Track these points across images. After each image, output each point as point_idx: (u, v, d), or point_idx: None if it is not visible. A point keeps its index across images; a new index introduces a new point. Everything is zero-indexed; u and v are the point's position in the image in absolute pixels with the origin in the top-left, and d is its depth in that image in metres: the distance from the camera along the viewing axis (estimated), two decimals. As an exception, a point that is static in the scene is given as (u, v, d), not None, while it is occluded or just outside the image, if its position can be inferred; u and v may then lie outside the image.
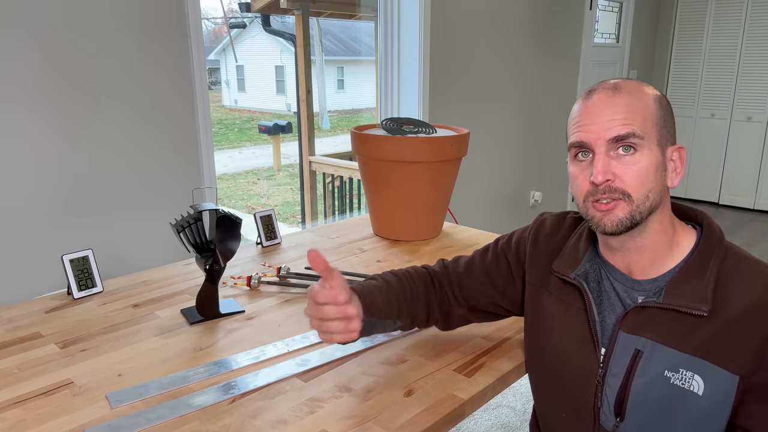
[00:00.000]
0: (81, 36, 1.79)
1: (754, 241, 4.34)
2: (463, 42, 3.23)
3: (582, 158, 0.80)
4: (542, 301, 0.94)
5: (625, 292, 0.84)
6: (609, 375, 0.83)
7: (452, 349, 1.05)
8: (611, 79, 0.82)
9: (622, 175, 0.77)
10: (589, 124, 0.78)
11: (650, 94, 0.79)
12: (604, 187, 0.77)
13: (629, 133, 0.76)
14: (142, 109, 1.97)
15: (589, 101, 0.80)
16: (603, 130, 0.77)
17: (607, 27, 4.74)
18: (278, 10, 4.37)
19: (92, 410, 0.86)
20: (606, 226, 0.79)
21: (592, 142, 0.78)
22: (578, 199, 0.82)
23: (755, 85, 4.92)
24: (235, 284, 1.33)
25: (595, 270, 0.88)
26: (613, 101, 0.78)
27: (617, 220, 0.77)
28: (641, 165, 0.77)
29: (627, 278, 0.84)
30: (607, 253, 0.87)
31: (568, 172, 0.84)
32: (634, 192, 0.77)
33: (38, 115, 1.74)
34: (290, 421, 0.84)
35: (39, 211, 1.78)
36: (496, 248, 1.03)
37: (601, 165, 0.77)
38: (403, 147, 1.53)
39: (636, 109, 0.77)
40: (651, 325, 0.80)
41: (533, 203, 4.14)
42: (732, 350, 0.75)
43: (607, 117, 0.77)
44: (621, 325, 0.82)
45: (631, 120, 0.76)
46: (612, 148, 0.77)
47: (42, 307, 1.21)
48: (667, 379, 0.78)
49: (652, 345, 0.79)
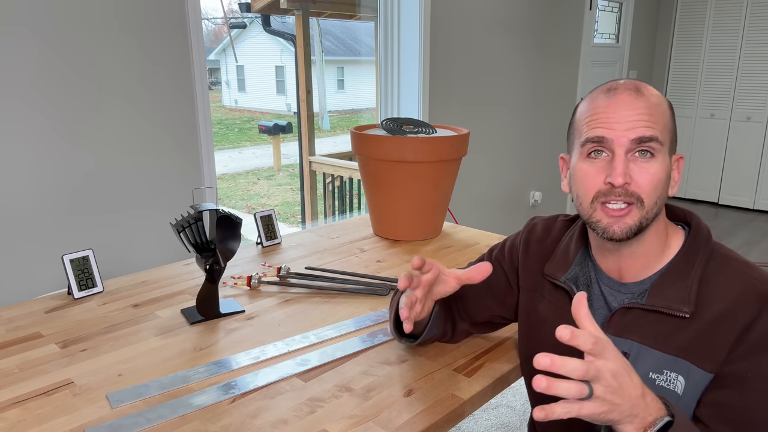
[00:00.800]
0: (82, 36, 1.79)
1: (754, 241, 4.34)
2: (463, 42, 3.23)
3: (595, 156, 0.77)
4: (536, 306, 0.94)
5: (612, 295, 0.84)
6: None
7: (452, 349, 1.05)
8: (622, 79, 0.80)
9: (639, 179, 0.75)
10: (612, 121, 0.75)
11: (665, 101, 0.79)
12: (622, 190, 0.75)
13: (653, 136, 0.74)
14: (142, 109, 1.97)
15: (612, 98, 0.76)
16: (628, 129, 0.74)
17: (607, 27, 4.74)
18: (278, 11, 4.38)
19: (92, 410, 0.86)
20: (615, 233, 0.77)
21: (614, 139, 0.75)
22: (584, 199, 0.79)
23: (755, 85, 4.92)
24: (236, 284, 1.33)
25: (585, 273, 0.88)
26: (638, 103, 0.75)
27: (627, 227, 0.76)
28: (656, 171, 0.75)
29: (614, 282, 0.84)
30: (599, 256, 0.86)
31: (575, 168, 0.80)
32: (647, 198, 0.75)
33: (39, 115, 1.74)
34: (290, 421, 0.84)
35: (39, 211, 1.79)
36: (490, 258, 1.03)
37: (622, 167, 0.74)
38: (403, 147, 1.53)
39: (657, 113, 0.76)
40: (636, 327, 0.80)
41: (533, 203, 4.14)
42: (708, 350, 0.75)
43: (632, 117, 0.75)
44: (608, 327, 0.82)
45: (654, 124, 0.75)
46: (631, 150, 0.75)
47: (42, 307, 1.21)
48: (652, 381, 0.78)
49: (638, 347, 0.79)
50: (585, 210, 0.80)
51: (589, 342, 0.60)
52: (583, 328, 0.63)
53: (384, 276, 1.38)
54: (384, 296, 1.28)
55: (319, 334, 1.10)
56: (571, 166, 0.83)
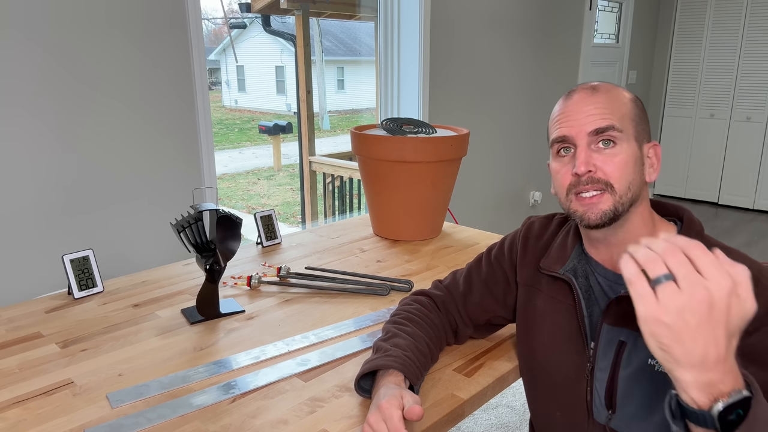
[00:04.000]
0: (81, 36, 1.79)
1: (754, 241, 4.34)
2: (463, 42, 3.23)
3: (564, 154, 0.83)
4: (534, 301, 0.95)
5: (609, 286, 0.85)
6: (597, 369, 0.84)
7: (452, 349, 1.05)
8: (583, 83, 0.85)
9: (603, 166, 0.79)
10: (570, 120, 0.82)
11: (626, 95, 0.83)
12: (587, 178, 0.80)
13: (609, 125, 0.79)
14: (142, 110, 1.97)
15: (570, 100, 0.83)
16: (583, 123, 0.80)
17: (607, 27, 4.74)
18: (278, 11, 4.38)
19: (93, 410, 0.86)
20: (590, 219, 0.80)
21: (573, 135, 0.81)
22: (561, 194, 0.84)
23: (755, 85, 4.92)
24: (236, 284, 1.33)
25: (583, 266, 0.89)
26: (592, 99, 0.81)
27: (601, 212, 0.79)
28: (621, 157, 0.79)
29: (609, 272, 0.85)
30: (590, 248, 0.88)
31: (550, 170, 0.86)
32: (616, 182, 0.79)
33: (38, 115, 1.74)
34: (290, 421, 0.84)
35: (39, 212, 1.79)
36: (489, 258, 1.04)
37: (583, 156, 0.80)
38: (403, 147, 1.53)
39: (614, 105, 0.81)
40: (632, 316, 0.80)
41: (533, 203, 4.14)
42: None
43: (588, 112, 0.80)
44: (604, 317, 0.83)
45: (609, 115, 0.80)
46: (593, 141, 0.80)
47: (42, 306, 1.21)
48: (651, 366, 0.79)
49: (635, 336, 0.81)
50: (564, 204, 0.84)
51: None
52: None
53: (384, 276, 1.38)
54: (384, 296, 1.28)
55: (319, 334, 1.10)
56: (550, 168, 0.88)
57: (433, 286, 1.07)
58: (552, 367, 0.90)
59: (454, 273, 1.08)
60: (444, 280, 1.08)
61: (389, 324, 0.98)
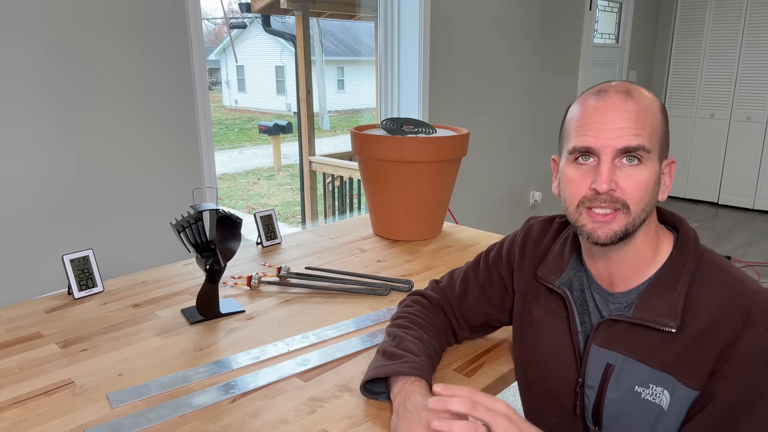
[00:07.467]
0: (81, 36, 1.79)
1: (754, 241, 4.34)
2: (463, 42, 3.23)
3: (583, 161, 0.77)
4: (530, 310, 0.93)
5: (603, 303, 0.83)
6: (586, 386, 0.83)
7: (452, 349, 1.05)
8: (613, 81, 0.78)
9: (625, 186, 0.74)
10: (599, 129, 0.74)
11: (657, 105, 0.77)
12: (607, 197, 0.74)
13: (639, 145, 0.73)
14: (142, 110, 1.97)
15: (602, 101, 0.75)
16: (613, 138, 0.73)
17: (607, 27, 4.74)
18: (278, 11, 4.38)
19: (93, 410, 0.86)
20: (599, 238, 0.76)
21: (600, 148, 0.74)
22: (570, 204, 0.79)
23: (755, 85, 4.92)
24: (236, 284, 1.33)
25: (579, 278, 0.87)
26: (625, 107, 0.74)
27: (612, 232, 0.75)
28: (644, 178, 0.74)
29: (603, 290, 0.83)
30: (589, 261, 0.85)
31: (563, 173, 0.80)
32: (633, 204, 0.74)
33: (38, 115, 1.74)
34: (290, 421, 0.84)
35: (39, 212, 1.79)
36: (487, 262, 1.02)
37: (607, 173, 0.73)
38: (403, 147, 1.53)
39: (646, 118, 0.75)
40: (622, 340, 0.79)
41: (533, 203, 4.14)
42: (693, 366, 0.74)
43: (619, 124, 0.74)
44: (593, 338, 0.81)
45: (641, 131, 0.74)
46: (618, 156, 0.74)
47: (42, 306, 1.21)
48: (638, 394, 0.78)
49: (623, 360, 0.79)
50: (571, 214, 0.79)
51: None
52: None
53: (384, 276, 1.38)
54: (384, 296, 1.28)
55: (319, 334, 1.10)
56: (560, 170, 0.82)
57: (430, 286, 1.06)
58: (546, 376, 0.89)
59: (451, 273, 1.06)
60: (440, 280, 1.06)
61: (395, 328, 0.96)
